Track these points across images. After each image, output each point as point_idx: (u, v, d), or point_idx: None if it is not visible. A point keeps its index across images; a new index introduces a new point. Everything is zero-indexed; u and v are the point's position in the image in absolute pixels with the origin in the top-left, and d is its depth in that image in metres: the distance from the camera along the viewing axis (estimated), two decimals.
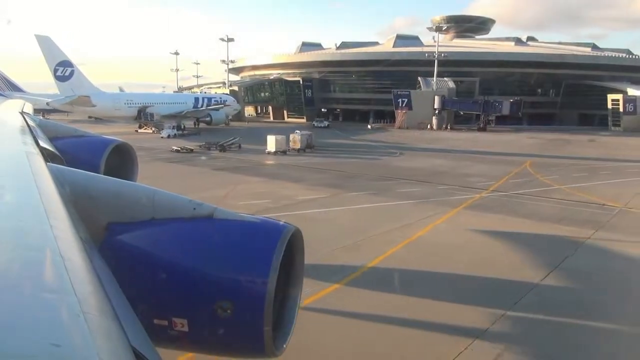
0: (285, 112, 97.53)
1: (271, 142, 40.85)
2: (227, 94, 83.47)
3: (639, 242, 16.87)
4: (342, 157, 40.34)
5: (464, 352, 9.06)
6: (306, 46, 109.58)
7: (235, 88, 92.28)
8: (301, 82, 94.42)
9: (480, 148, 48.73)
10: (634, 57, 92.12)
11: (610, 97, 75.38)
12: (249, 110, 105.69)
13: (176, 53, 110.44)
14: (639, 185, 28.10)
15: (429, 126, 74.05)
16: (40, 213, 2.22)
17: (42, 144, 4.74)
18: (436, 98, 74.61)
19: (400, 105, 77.29)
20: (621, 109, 73.90)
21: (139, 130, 60.96)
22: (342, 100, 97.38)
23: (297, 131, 44.34)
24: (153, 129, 60.66)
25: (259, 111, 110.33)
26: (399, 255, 14.47)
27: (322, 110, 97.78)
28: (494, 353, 9.18)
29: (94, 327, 1.41)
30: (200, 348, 3.46)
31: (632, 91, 76.10)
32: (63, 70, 53.27)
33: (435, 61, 76.59)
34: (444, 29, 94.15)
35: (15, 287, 1.57)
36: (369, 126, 77.42)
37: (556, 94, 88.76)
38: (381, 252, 14.40)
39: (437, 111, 74.59)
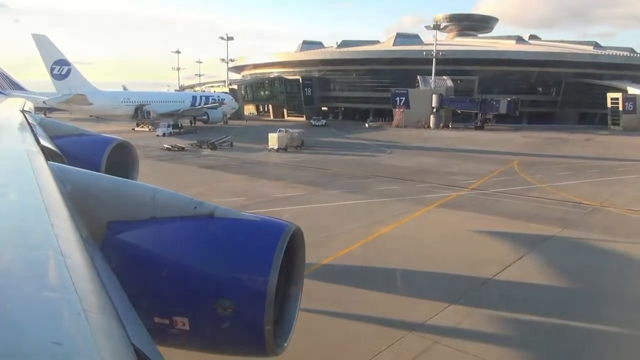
0: (285, 110, 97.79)
1: (273, 140, 41.64)
2: (226, 92, 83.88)
3: (602, 239, 16.97)
4: (332, 155, 40.52)
5: (392, 345, 9.27)
6: (307, 45, 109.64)
7: (235, 87, 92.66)
8: (301, 81, 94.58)
9: (473, 146, 48.67)
10: (635, 55, 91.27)
11: (609, 95, 74.81)
12: (250, 109, 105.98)
13: (177, 52, 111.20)
14: (622, 184, 28.15)
15: (426, 125, 73.92)
16: (41, 212, 2.22)
17: (43, 142, 4.79)
18: (434, 96, 74.44)
19: (398, 103, 77.23)
20: (620, 108, 73.32)
21: (136, 129, 61.44)
22: (342, 98, 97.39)
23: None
24: (150, 127, 61.15)
25: (260, 110, 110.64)
26: (356, 253, 14.67)
27: (323, 109, 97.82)
28: (422, 346, 9.38)
29: (95, 326, 1.42)
30: (201, 347, 3.44)
31: (632, 90, 75.51)
32: (60, 69, 53.89)
33: (434, 60, 76.48)
34: (441, 27, 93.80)
35: (17, 285, 1.58)
36: (367, 125, 77.43)
37: (556, 93, 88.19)
38: (340, 249, 14.62)
39: (434, 110, 74.47)
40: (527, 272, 13.58)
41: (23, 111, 7.44)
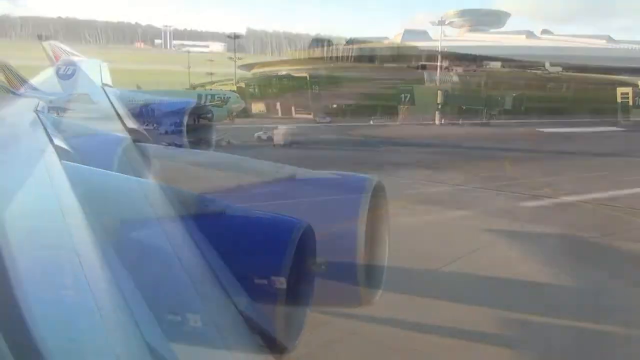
0: (293, 108, 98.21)
1: (278, 136, 43.14)
2: (234, 90, 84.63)
3: (569, 234, 16.92)
4: (324, 152, 40.74)
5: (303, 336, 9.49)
6: (316, 42, 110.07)
7: (242, 84, 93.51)
8: (308, 78, 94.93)
9: (472, 143, 48.24)
10: None
11: (619, 90, 73.54)
12: (259, 106, 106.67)
13: (188, 52, 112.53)
14: (613, 180, 27.75)
15: (431, 121, 73.56)
16: (55, 211, 2.25)
17: (57, 142, 4.82)
18: (439, 93, 74.11)
19: (402, 100, 77.09)
20: (631, 102, 72.01)
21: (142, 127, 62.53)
22: (349, 96, 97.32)
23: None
24: (155, 125, 62.05)
25: (269, 107, 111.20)
26: None
27: (334, 106, 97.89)
28: (336, 336, 9.58)
29: (109, 324, 1.46)
30: (212, 344, 3.40)
31: None
32: (65, 69, 55.02)
33: (439, 56, 76.13)
34: (447, 22, 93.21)
35: (31, 284, 1.60)
36: (371, 122, 77.37)
37: (567, 88, 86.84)
38: None
39: (439, 106, 74.07)
40: (468, 265, 13.71)
41: (36, 111, 7.65)
